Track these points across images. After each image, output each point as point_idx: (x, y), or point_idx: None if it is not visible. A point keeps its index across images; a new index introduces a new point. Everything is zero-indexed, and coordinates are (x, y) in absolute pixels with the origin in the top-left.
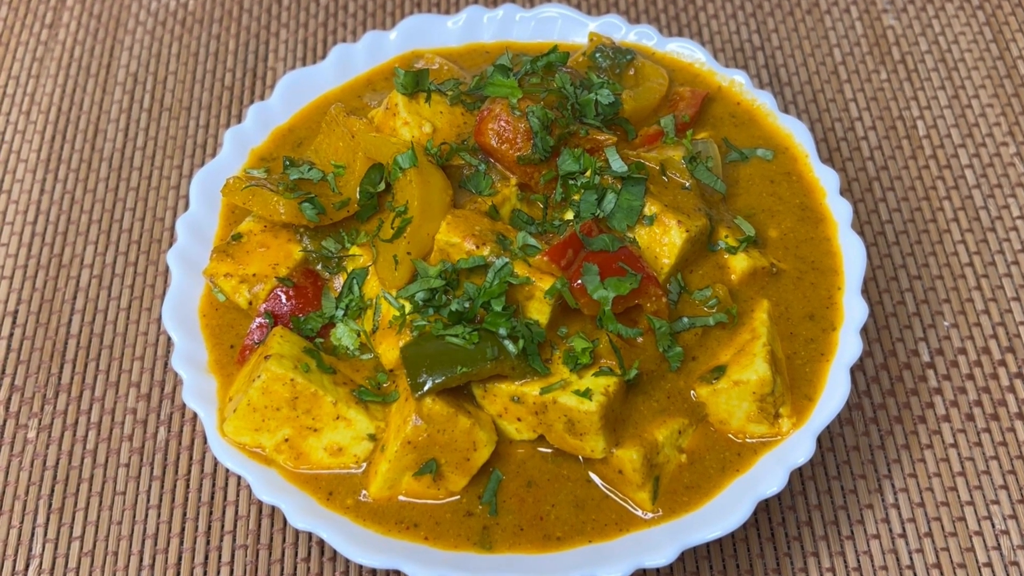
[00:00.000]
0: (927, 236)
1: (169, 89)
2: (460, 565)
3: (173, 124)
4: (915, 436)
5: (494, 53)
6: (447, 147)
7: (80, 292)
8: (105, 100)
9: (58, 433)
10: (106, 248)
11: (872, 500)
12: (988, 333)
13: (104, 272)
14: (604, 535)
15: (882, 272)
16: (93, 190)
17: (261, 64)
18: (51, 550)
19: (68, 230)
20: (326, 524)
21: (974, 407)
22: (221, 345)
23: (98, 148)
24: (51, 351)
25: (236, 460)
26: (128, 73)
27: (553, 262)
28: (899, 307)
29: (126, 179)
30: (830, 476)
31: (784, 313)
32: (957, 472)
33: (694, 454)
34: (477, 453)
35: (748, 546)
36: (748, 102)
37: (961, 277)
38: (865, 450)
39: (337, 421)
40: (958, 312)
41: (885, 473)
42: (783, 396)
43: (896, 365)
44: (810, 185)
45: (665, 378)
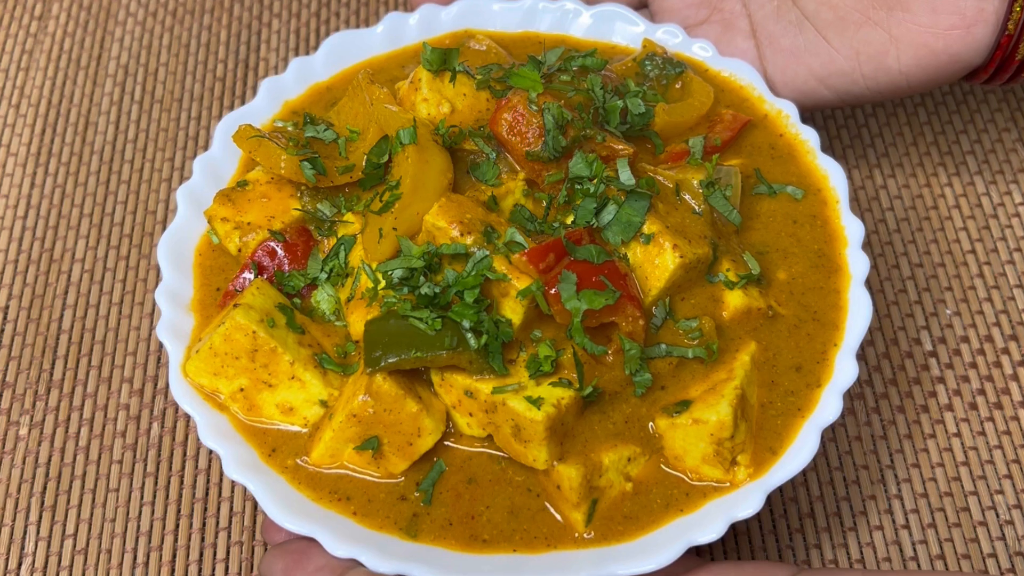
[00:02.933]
0: (928, 224)
1: (160, 81)
2: (379, 547)
3: (164, 116)
4: (918, 425)
5: (548, 45)
6: (456, 129)
7: (72, 287)
8: (96, 93)
9: (50, 430)
10: (97, 242)
11: (875, 491)
12: (991, 321)
13: (96, 267)
14: (531, 547)
15: (883, 261)
16: (84, 184)
17: (253, 55)
18: (44, 548)
19: (59, 225)
20: (260, 480)
21: (977, 396)
22: (208, 286)
23: (89, 141)
24: (42, 347)
25: (190, 399)
26: (119, 65)
27: (531, 263)
28: (901, 295)
29: (117, 172)
30: (832, 467)
31: (771, 360)
32: (961, 462)
33: (641, 485)
34: (421, 440)
35: (750, 538)
36: (792, 136)
37: (963, 265)
38: (867, 440)
39: (292, 381)
40: (960, 300)
41: (888, 463)
42: (744, 444)
43: (898, 354)
44: (833, 233)
45: (628, 402)
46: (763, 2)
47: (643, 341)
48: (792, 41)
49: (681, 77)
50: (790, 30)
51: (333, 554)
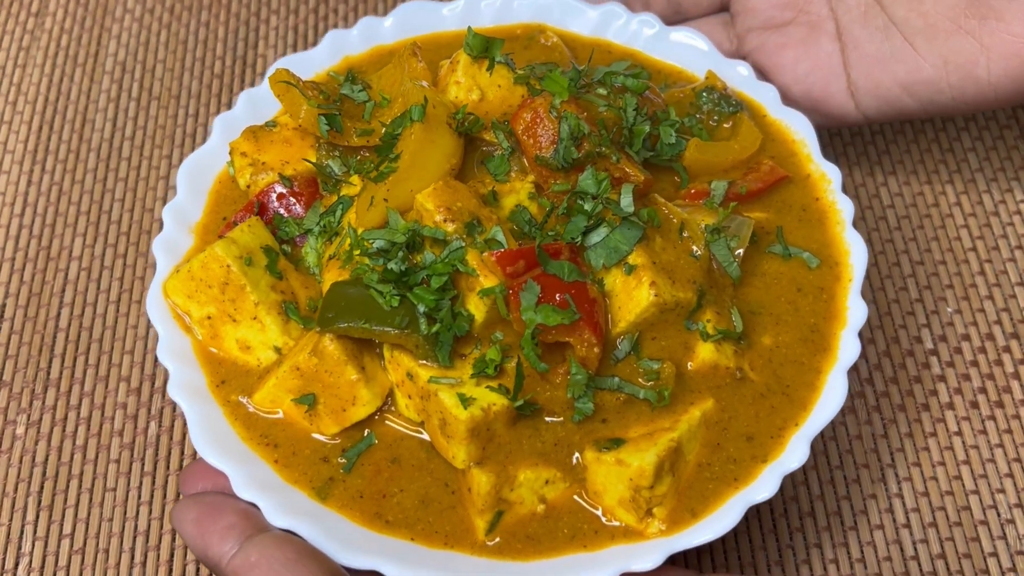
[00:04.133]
0: (929, 221)
1: (158, 78)
2: (284, 499)
3: (162, 113)
4: (919, 424)
5: (616, 55)
6: (473, 117)
7: (69, 285)
8: (93, 89)
9: (47, 429)
10: (95, 240)
11: (875, 490)
12: (992, 319)
13: (93, 265)
14: (428, 540)
15: (884, 258)
16: (81, 181)
17: (251, 52)
18: (41, 548)
19: (56, 222)
20: (199, 406)
21: (978, 394)
22: (217, 213)
23: (86, 138)
24: (39, 346)
25: (160, 315)
26: (116, 62)
27: (499, 265)
28: (901, 293)
29: (115, 169)
30: (832, 466)
31: (724, 422)
32: (962, 460)
33: (554, 510)
34: (354, 408)
35: (750, 538)
36: (827, 202)
37: (965, 262)
38: (868, 439)
39: (253, 321)
40: (961, 298)
41: (888, 462)
42: (664, 498)
43: (899, 352)
44: (835, 311)
45: (564, 426)
46: (850, 6)
47: (595, 369)
48: (878, 47)
49: (734, 117)
50: (876, 36)
51: (238, 495)
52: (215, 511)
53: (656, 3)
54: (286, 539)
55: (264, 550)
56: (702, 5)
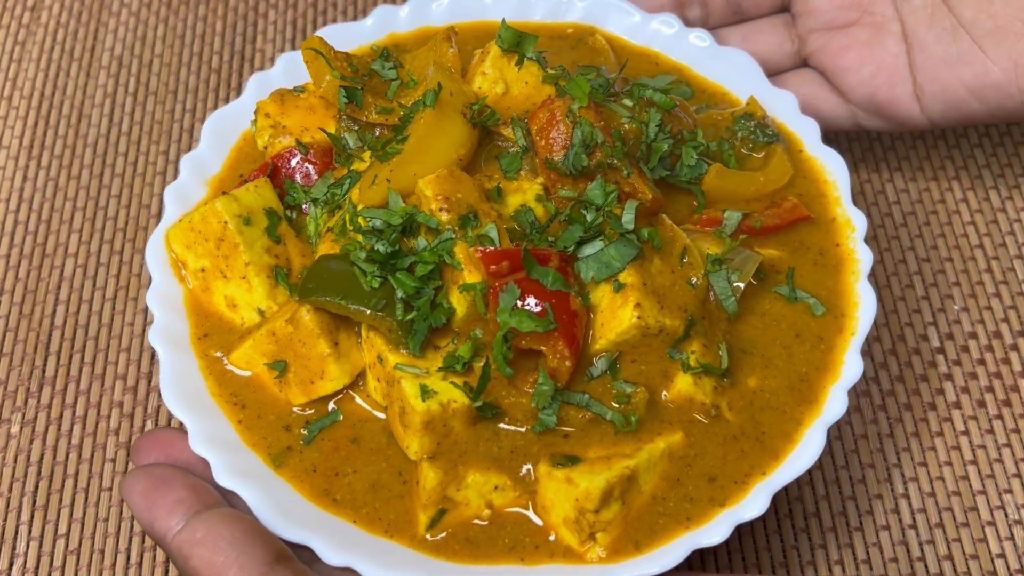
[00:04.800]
0: (935, 218)
1: (155, 72)
2: (238, 459)
3: (159, 109)
4: (925, 424)
5: (663, 68)
6: (488, 110)
7: (64, 282)
8: (89, 84)
9: (42, 428)
10: (91, 236)
11: (881, 490)
12: (999, 316)
13: (89, 261)
14: (369, 526)
15: (890, 255)
16: (77, 177)
17: (249, 46)
18: (35, 548)
19: (52, 218)
20: (175, 356)
21: (985, 393)
22: (235, 169)
23: (82, 134)
24: (35, 343)
25: (157, 260)
26: (113, 56)
27: (482, 262)
28: (908, 290)
29: (111, 165)
30: (838, 465)
31: (689, 458)
32: (969, 460)
33: (499, 517)
34: (322, 383)
35: (754, 539)
36: (847, 250)
37: (971, 260)
38: (874, 438)
39: (242, 280)
40: (968, 295)
41: (895, 462)
42: (610, 525)
43: (905, 350)
44: (830, 364)
45: (524, 435)
46: (916, 7)
47: (564, 382)
48: (945, 49)
49: (768, 148)
50: (944, 38)
51: (192, 448)
52: (164, 484)
53: (715, 2)
54: (234, 517)
55: (211, 527)
56: (763, 5)
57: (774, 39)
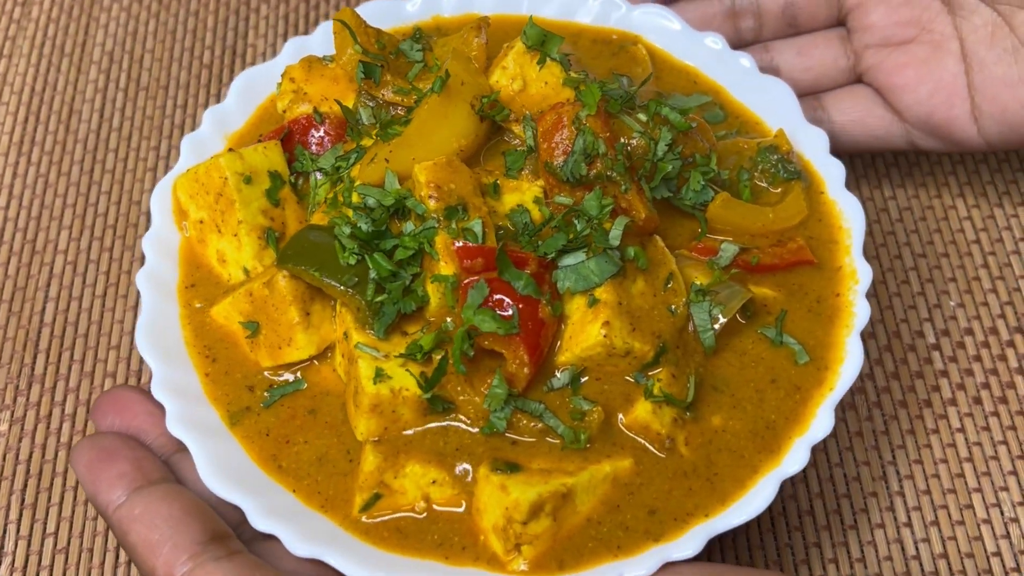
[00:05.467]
0: (932, 213)
1: (146, 68)
2: (194, 411)
3: (150, 104)
4: (920, 421)
5: (701, 87)
6: (498, 105)
7: (54, 279)
8: (80, 80)
9: (31, 426)
10: (80, 233)
11: (876, 488)
12: (996, 313)
13: (79, 258)
14: (307, 498)
15: (886, 251)
16: (67, 173)
17: (241, 41)
18: (24, 547)
19: (42, 215)
20: (158, 302)
21: (982, 390)
22: (256, 130)
23: (72, 130)
24: (24, 340)
25: (162, 207)
26: (104, 52)
27: (457, 256)
28: (903, 287)
29: (101, 161)
30: (832, 463)
31: (634, 486)
32: (964, 458)
33: (434, 512)
34: (289, 349)
35: (748, 537)
36: (846, 302)
37: (967, 255)
38: (868, 435)
39: (233, 237)
40: (964, 291)
41: (890, 459)
42: (537, 539)
43: (900, 347)
44: (800, 416)
45: (472, 435)
46: (976, 25)
47: (521, 388)
48: (1005, 70)
49: (787, 184)
50: (1004, 58)
51: (153, 392)
52: (109, 457)
53: (769, 14)
54: (173, 494)
55: (149, 504)
56: (818, 18)
57: (829, 53)
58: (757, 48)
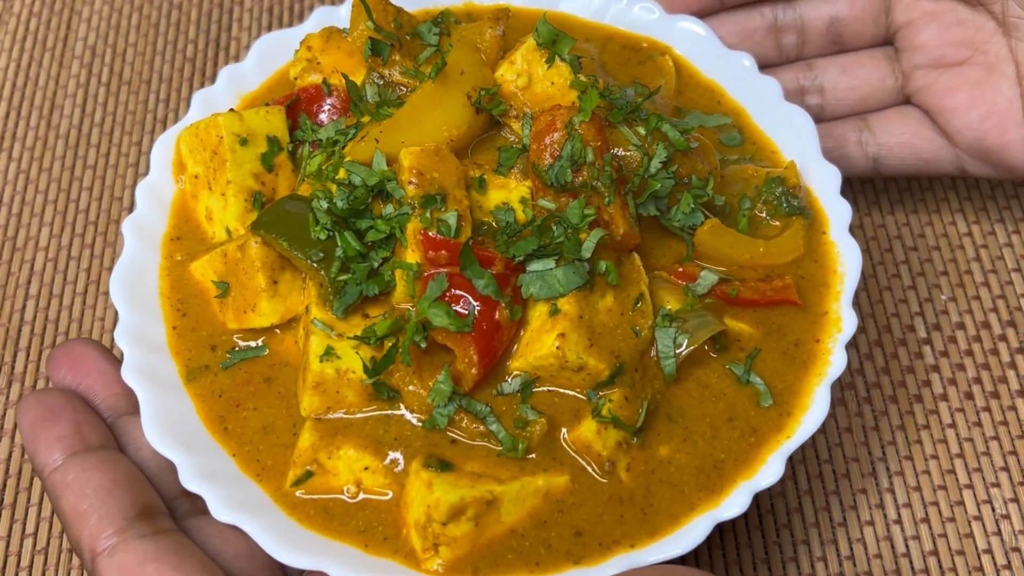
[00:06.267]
0: (924, 205)
1: (129, 62)
2: (152, 363)
3: (132, 99)
4: (911, 416)
5: (724, 108)
6: (494, 98)
7: (35, 276)
8: (62, 75)
9: (10, 425)
10: (62, 230)
11: (866, 484)
12: (988, 306)
13: (60, 255)
14: (245, 465)
15: (876, 244)
16: (49, 169)
17: (224, 34)
18: (2, 548)
19: (23, 211)
20: (140, 250)
21: (973, 385)
22: (270, 91)
23: (54, 125)
24: (3, 339)
25: (161, 160)
26: (86, 46)
27: (422, 245)
28: (894, 280)
29: (83, 157)
30: (821, 460)
31: (566, 503)
32: (955, 454)
33: (364, 499)
34: (253, 315)
35: (735, 535)
36: (824, 350)
37: (959, 248)
38: (858, 431)
39: (222, 196)
40: (956, 285)
41: (879, 455)
42: (455, 542)
43: (891, 341)
44: (750, 460)
45: (413, 428)
46: None
47: (468, 388)
48: None
49: (789, 220)
50: None
51: (116, 338)
52: (51, 417)
53: (813, 30)
54: (108, 463)
55: (82, 472)
56: (865, 36)
57: (876, 73)
58: (800, 65)
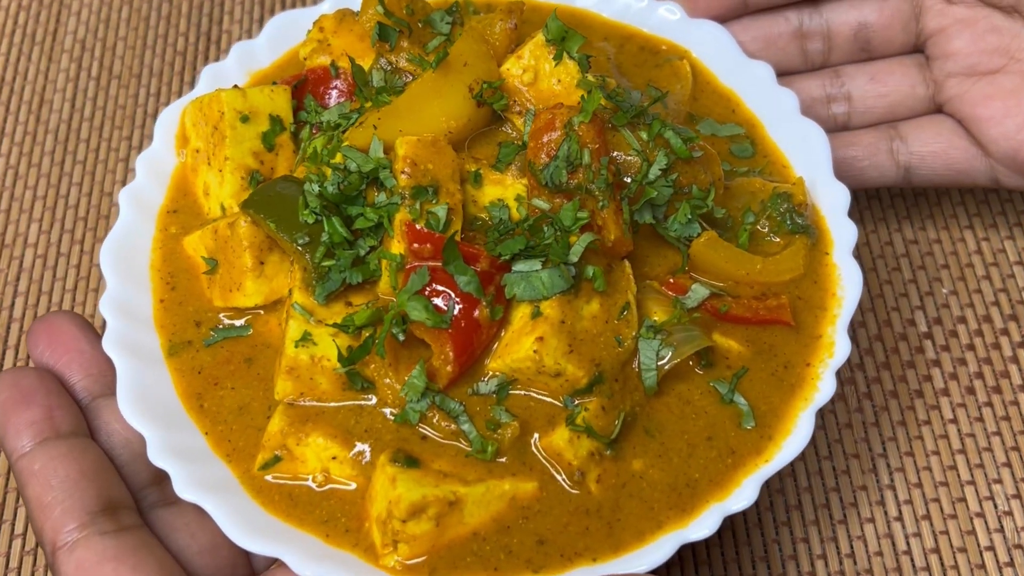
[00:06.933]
0: (924, 198)
1: (119, 56)
2: (133, 334)
3: (122, 93)
4: (912, 412)
5: (738, 117)
6: (489, 89)
7: (23, 273)
8: (51, 69)
9: None
10: (51, 226)
11: (866, 481)
12: (990, 300)
13: (49, 252)
14: (216, 444)
15: (876, 237)
16: (38, 164)
17: (216, 27)
18: None
19: (11, 208)
20: (136, 220)
21: (975, 379)
22: (281, 70)
23: (43, 120)
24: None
25: (164, 130)
26: (76, 40)
27: (406, 236)
28: (894, 273)
29: (72, 152)
30: (821, 456)
31: (529, 511)
32: (957, 449)
33: (329, 489)
34: (238, 294)
35: (734, 532)
36: (814, 374)
37: (960, 240)
38: (858, 427)
39: (219, 173)
40: (957, 278)
41: (880, 452)
42: (415, 540)
43: (891, 336)
44: (725, 482)
45: (384, 422)
46: None
47: (443, 385)
48: None
49: (792, 238)
50: None
51: (101, 308)
52: (23, 400)
53: (839, 36)
54: (76, 453)
55: (48, 461)
56: (894, 43)
57: (906, 81)
58: (827, 72)
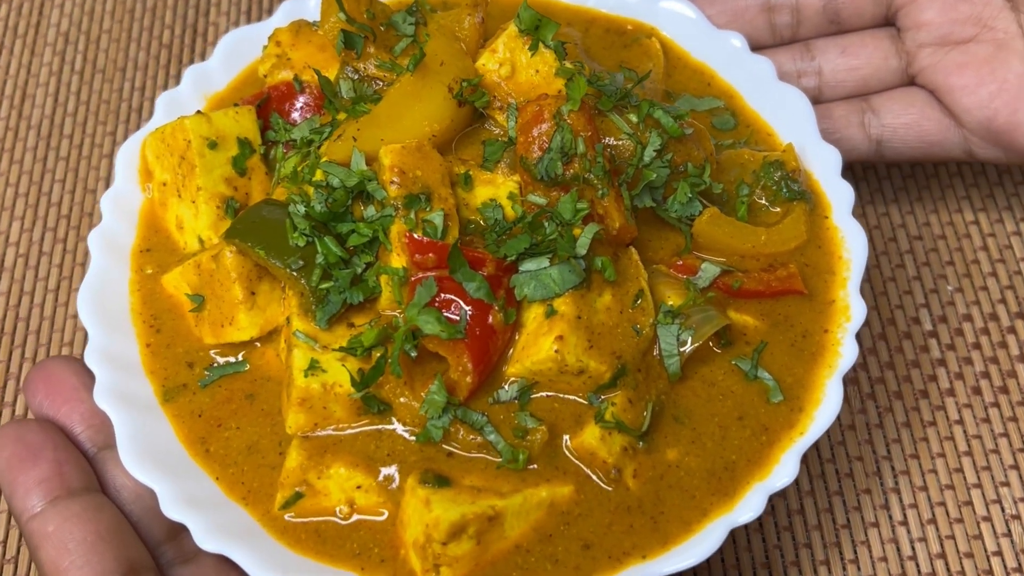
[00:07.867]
0: (928, 193)
1: (103, 49)
2: (127, 383)
3: (107, 87)
4: (917, 413)
5: (714, 90)
6: (477, 90)
7: (5, 272)
8: (34, 62)
9: None
10: (33, 224)
11: (870, 484)
12: (996, 297)
13: (31, 250)
14: (229, 488)
15: (879, 233)
16: (20, 161)
17: (202, 20)
18: None
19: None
20: (108, 265)
21: (981, 379)
22: (239, 91)
23: (25, 115)
24: None
25: (127, 165)
26: (59, 32)
27: (408, 248)
28: (898, 271)
29: (55, 148)
30: (824, 459)
31: (570, 516)
32: (963, 451)
33: (357, 520)
34: (231, 329)
35: (734, 538)
36: (833, 339)
37: (966, 236)
38: (862, 429)
39: (193, 204)
40: (963, 275)
41: (884, 454)
42: (457, 562)
43: (895, 334)
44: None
45: (406, 442)
46: None
47: (463, 397)
48: None
49: (790, 205)
50: None
51: (86, 360)
52: (30, 456)
53: (809, 8)
54: (91, 513)
55: (63, 523)
56: (864, 15)
57: (878, 54)
58: (798, 46)
